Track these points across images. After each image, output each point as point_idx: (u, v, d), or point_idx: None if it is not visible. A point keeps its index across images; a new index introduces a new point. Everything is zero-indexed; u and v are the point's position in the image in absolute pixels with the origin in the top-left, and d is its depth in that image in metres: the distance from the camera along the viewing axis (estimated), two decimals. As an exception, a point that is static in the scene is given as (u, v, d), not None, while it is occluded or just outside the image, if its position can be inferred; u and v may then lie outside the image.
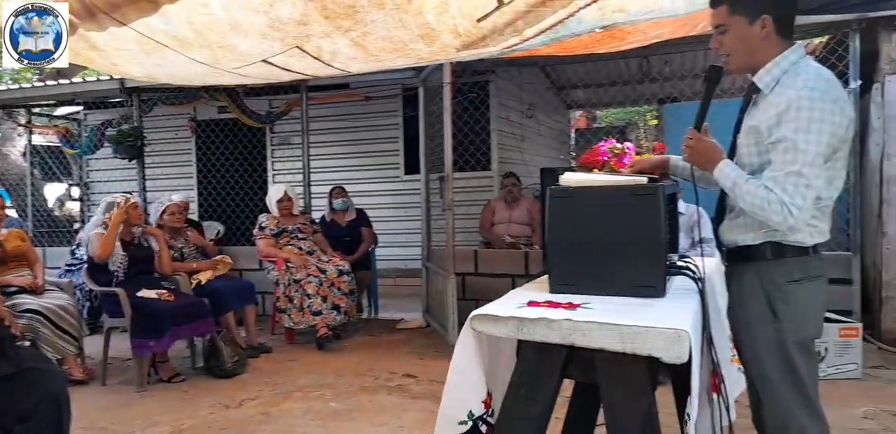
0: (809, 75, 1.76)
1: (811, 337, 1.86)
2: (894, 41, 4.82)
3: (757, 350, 1.88)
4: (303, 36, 3.01)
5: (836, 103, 1.71)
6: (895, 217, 4.68)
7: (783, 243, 1.84)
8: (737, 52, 1.88)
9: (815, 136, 1.69)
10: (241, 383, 4.22)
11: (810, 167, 1.69)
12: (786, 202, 1.70)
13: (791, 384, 1.83)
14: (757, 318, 1.87)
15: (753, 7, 1.81)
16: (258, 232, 5.41)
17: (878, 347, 4.62)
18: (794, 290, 1.83)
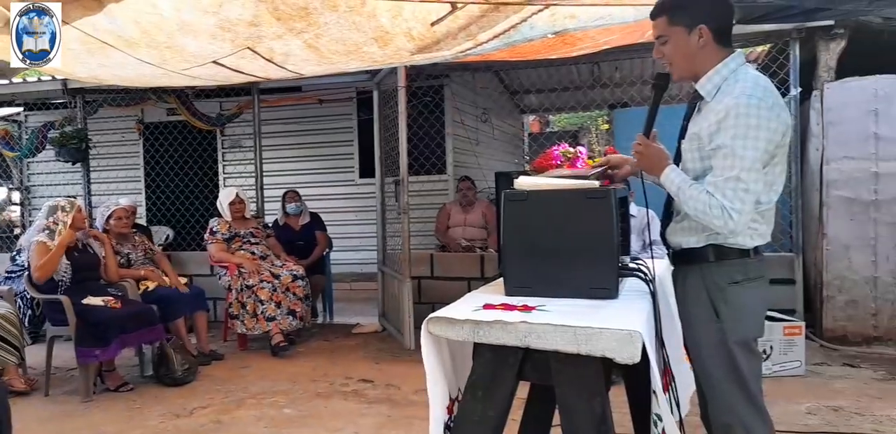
0: (747, 83, 1.81)
1: (752, 336, 1.91)
2: (831, 50, 5.02)
3: (700, 349, 1.93)
4: (254, 37, 2.97)
5: (773, 110, 1.77)
6: (835, 219, 4.87)
7: (724, 246, 1.89)
8: (678, 61, 1.93)
9: (753, 142, 1.74)
10: (192, 391, 4.12)
11: (748, 172, 1.75)
12: (726, 207, 1.75)
13: (734, 382, 1.88)
14: (700, 319, 1.92)
15: (690, 18, 1.86)
16: (209, 236, 5.30)
17: (820, 345, 4.79)
18: (734, 291, 1.88)
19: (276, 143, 7.93)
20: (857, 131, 4.81)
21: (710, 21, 1.86)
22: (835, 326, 4.88)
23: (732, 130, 1.75)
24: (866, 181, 4.80)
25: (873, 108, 4.77)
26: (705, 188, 1.80)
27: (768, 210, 1.90)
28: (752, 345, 1.91)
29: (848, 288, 4.85)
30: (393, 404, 3.75)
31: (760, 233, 1.90)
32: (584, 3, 2.93)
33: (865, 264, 4.81)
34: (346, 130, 8.11)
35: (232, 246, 5.28)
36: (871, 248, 4.79)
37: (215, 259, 5.29)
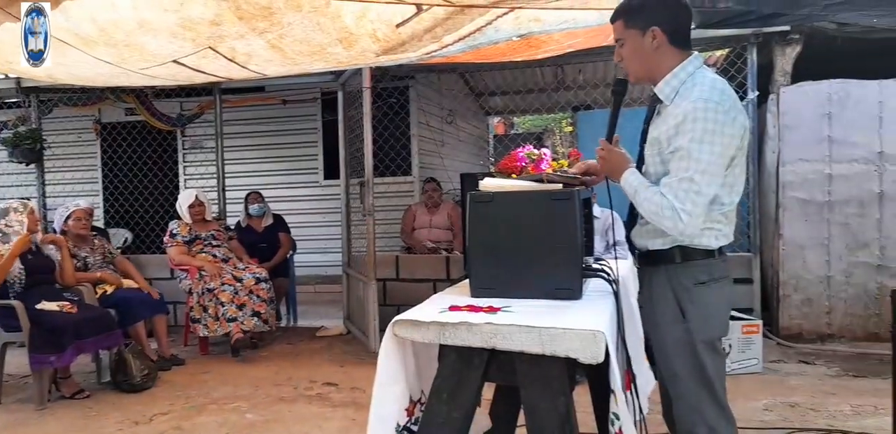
0: (704, 87, 1.83)
1: (718, 336, 1.94)
2: (787, 55, 5.16)
3: (666, 349, 1.95)
4: (216, 36, 2.93)
5: (729, 114, 1.79)
6: (790, 220, 5.00)
7: (690, 247, 1.91)
8: (633, 64, 1.95)
9: (709, 146, 1.76)
10: (152, 398, 4.04)
11: (702, 174, 1.77)
12: (676, 208, 1.77)
13: (699, 382, 1.90)
14: (666, 319, 1.94)
15: (643, 20, 1.89)
16: (169, 239, 5.20)
17: (777, 343, 4.91)
18: (700, 291, 1.91)
19: (238, 144, 7.81)
20: (811, 134, 4.95)
21: (663, 23, 1.88)
22: (790, 324, 5.01)
23: (689, 134, 1.78)
24: (820, 183, 4.94)
25: (827, 112, 4.91)
26: (660, 190, 1.82)
27: (731, 211, 1.93)
28: (717, 344, 1.94)
29: (803, 287, 4.99)
30: (358, 407, 3.73)
31: (724, 233, 1.94)
32: (547, 7, 2.95)
33: (819, 264, 4.95)
34: (310, 131, 8.04)
35: (193, 249, 5.18)
36: (825, 247, 4.94)
37: (175, 262, 5.19)
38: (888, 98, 4.81)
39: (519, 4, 2.84)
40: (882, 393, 3.49)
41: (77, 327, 3.89)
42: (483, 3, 2.76)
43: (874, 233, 4.86)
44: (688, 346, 1.90)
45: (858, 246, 4.88)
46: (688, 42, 1.93)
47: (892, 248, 4.78)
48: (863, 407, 3.51)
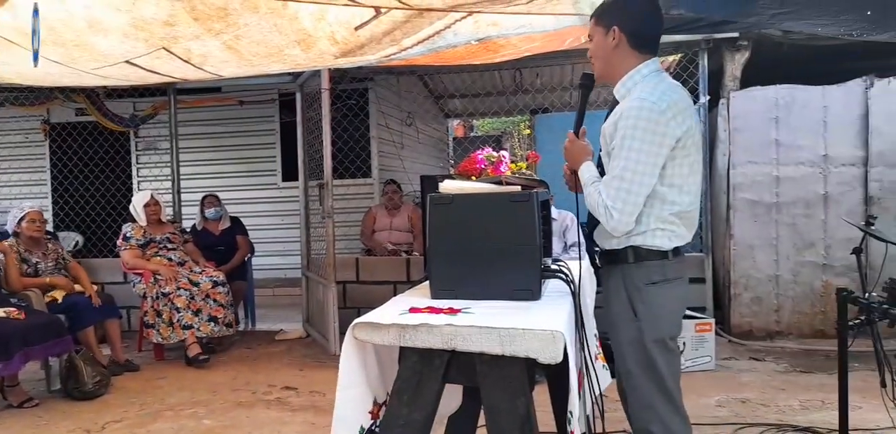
0: (647, 87, 1.89)
1: (669, 335, 1.98)
2: (736, 60, 5.32)
3: (621, 347, 2.01)
4: (170, 37, 2.87)
5: (665, 114, 1.82)
6: (741, 221, 5.15)
7: (643, 247, 1.95)
8: (597, 59, 2.04)
9: (639, 143, 1.82)
10: (104, 405, 3.93)
11: (632, 173, 1.82)
12: (608, 206, 1.84)
13: (651, 380, 1.94)
14: (620, 318, 1.99)
15: (609, 19, 1.98)
16: (122, 242, 5.08)
17: (729, 340, 5.05)
18: (651, 291, 1.95)
19: (194, 146, 7.67)
20: (760, 138, 5.11)
21: (624, 25, 1.94)
22: (741, 322, 5.16)
23: (622, 131, 1.84)
24: (768, 184, 5.10)
25: (774, 116, 5.08)
26: (600, 187, 1.89)
27: (685, 212, 1.95)
28: (669, 343, 1.97)
29: (753, 286, 5.14)
30: (317, 411, 3.70)
31: (678, 234, 1.96)
32: (505, 12, 2.99)
33: (768, 263, 5.11)
34: (267, 133, 7.94)
35: (147, 252, 5.07)
36: (774, 247, 5.10)
37: (129, 266, 5.07)
38: (831, 103, 5.00)
39: (477, 9, 2.87)
40: (828, 388, 3.63)
41: (25, 334, 3.76)
42: (441, 6, 2.77)
43: (819, 233, 5.04)
44: (639, 345, 1.95)
45: (805, 246, 5.06)
46: (649, 47, 1.98)
47: (837, 247, 4.96)
48: (810, 402, 3.64)
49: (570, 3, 2.98)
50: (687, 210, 1.96)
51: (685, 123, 1.87)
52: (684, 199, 1.94)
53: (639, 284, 1.96)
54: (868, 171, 4.98)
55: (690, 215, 1.99)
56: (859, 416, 3.24)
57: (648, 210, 1.91)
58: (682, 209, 1.94)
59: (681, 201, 1.93)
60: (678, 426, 1.94)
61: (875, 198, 4.97)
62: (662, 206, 1.91)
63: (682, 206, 1.94)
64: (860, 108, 4.97)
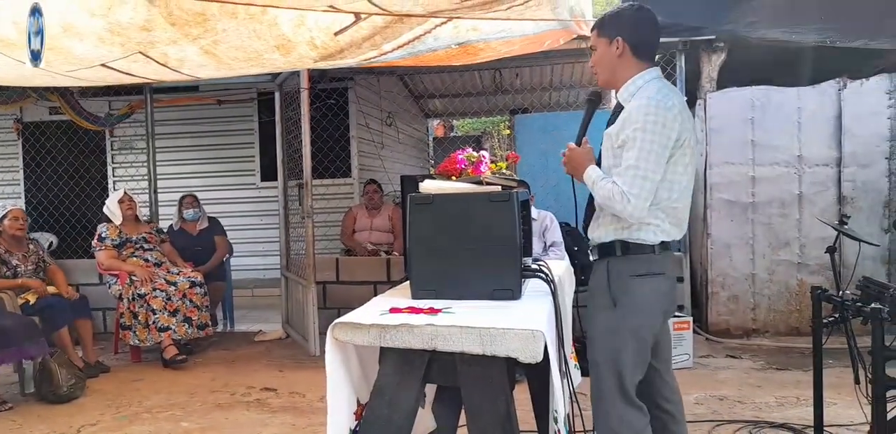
0: (651, 89, 2.03)
1: (646, 325, 2.04)
2: (713, 62, 5.38)
3: (594, 336, 2.08)
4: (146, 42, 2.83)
5: (671, 110, 1.96)
6: (717, 220, 5.21)
7: (629, 241, 2.05)
8: (601, 68, 2.16)
9: (650, 135, 1.94)
10: (80, 408, 3.87)
11: (645, 161, 1.93)
12: (625, 192, 1.93)
13: (611, 370, 2.02)
14: (599, 308, 2.07)
15: (611, 30, 2.10)
16: (97, 243, 5.00)
17: (706, 338, 5.11)
18: (635, 282, 2.03)
19: (171, 145, 7.58)
20: (736, 138, 5.17)
21: (628, 35, 2.07)
22: (718, 320, 5.22)
23: (633, 125, 1.96)
24: (745, 185, 5.17)
25: (750, 117, 5.15)
26: (612, 179, 1.98)
27: (672, 208, 2.05)
28: (642, 335, 2.03)
29: (730, 284, 5.20)
30: (298, 413, 3.68)
31: (664, 229, 2.05)
32: (485, 18, 3.00)
33: (745, 262, 5.18)
34: (246, 132, 7.87)
35: (123, 252, 5.00)
36: (750, 246, 5.17)
37: (104, 267, 5.00)
38: (806, 104, 5.07)
39: (457, 15, 2.87)
40: (804, 385, 3.68)
41: (-3, 337, 3.70)
42: (421, 12, 2.77)
43: (794, 232, 5.11)
44: (611, 332, 2.03)
45: (780, 245, 5.13)
46: (650, 56, 2.13)
47: (811, 246, 5.04)
48: (786, 398, 3.69)
49: (549, 8, 3.00)
50: (674, 205, 2.05)
51: (685, 124, 2.00)
52: (673, 195, 2.04)
53: (623, 276, 2.04)
54: (841, 171, 5.06)
55: (677, 212, 2.07)
56: (834, 412, 3.29)
57: None
58: (669, 204, 2.04)
59: (670, 196, 2.03)
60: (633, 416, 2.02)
61: (848, 197, 5.05)
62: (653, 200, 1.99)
63: (671, 201, 2.04)
64: (833, 109, 5.05)
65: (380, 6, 2.60)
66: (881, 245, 4.89)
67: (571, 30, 3.86)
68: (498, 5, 2.74)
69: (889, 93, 5.00)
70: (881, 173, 5.03)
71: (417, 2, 2.59)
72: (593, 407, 2.06)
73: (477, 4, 2.68)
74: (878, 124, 5.02)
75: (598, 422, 2.06)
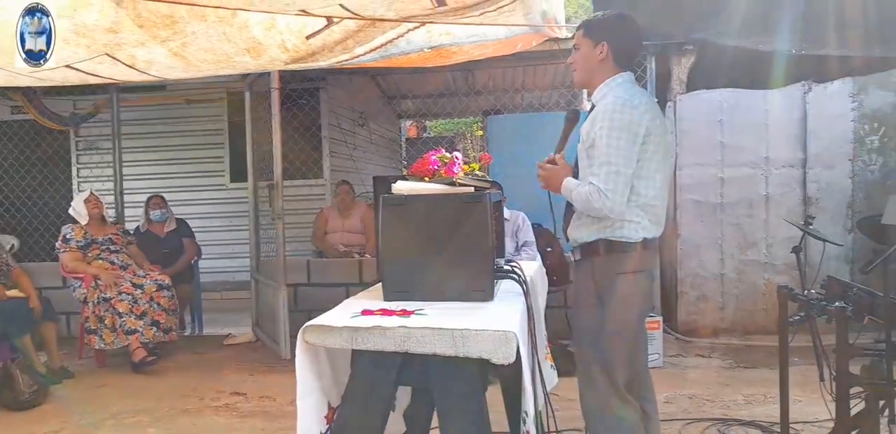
0: (620, 90, 2.10)
1: (632, 323, 2.09)
2: (682, 64, 5.45)
3: (582, 335, 2.12)
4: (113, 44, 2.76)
5: (637, 108, 2.03)
6: (687, 221, 5.28)
7: (612, 240, 2.09)
8: (580, 68, 2.24)
9: (617, 132, 2.00)
10: (43, 415, 3.77)
11: (616, 157, 1.99)
12: (601, 189, 1.98)
13: (603, 369, 2.05)
14: (586, 306, 2.11)
15: (598, 34, 2.18)
16: (61, 244, 4.88)
17: (676, 338, 5.17)
18: (619, 280, 2.07)
19: (138, 145, 7.45)
20: (705, 140, 5.24)
21: (613, 41, 2.15)
22: (688, 320, 5.29)
23: (601, 124, 2.02)
24: (714, 186, 5.24)
25: (719, 119, 5.22)
26: (588, 182, 2.03)
27: (650, 205, 2.10)
28: (630, 332, 2.09)
29: (699, 284, 5.27)
30: (267, 417, 3.63)
31: (643, 226, 2.10)
32: (458, 23, 2.99)
33: (714, 262, 5.25)
34: (215, 132, 7.76)
35: (88, 254, 4.89)
36: (719, 247, 5.24)
37: (69, 269, 4.88)
38: (773, 107, 5.16)
39: (429, 20, 2.87)
40: (770, 383, 3.73)
41: (-45, 342, 3.59)
42: (394, 17, 2.76)
43: (762, 232, 5.20)
44: (601, 333, 2.05)
45: (748, 245, 5.21)
46: (628, 63, 2.23)
47: (778, 246, 5.13)
48: (754, 396, 3.75)
49: (522, 14, 3.01)
50: (651, 203, 2.10)
51: (655, 121, 2.06)
52: (650, 193, 2.09)
53: (609, 274, 2.08)
54: (806, 173, 5.16)
55: (655, 210, 2.13)
56: (799, 409, 3.35)
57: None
58: (646, 202, 2.09)
59: (646, 194, 2.08)
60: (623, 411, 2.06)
61: (813, 198, 5.16)
62: (630, 197, 2.05)
63: (647, 198, 2.09)
64: (799, 111, 5.15)
65: (352, 11, 2.58)
66: (844, 245, 4.99)
67: (544, 33, 3.88)
68: (471, 11, 2.75)
69: (852, 96, 5.12)
70: (845, 174, 5.14)
71: (390, 7, 2.58)
72: (585, 406, 2.09)
73: (450, 10, 2.68)
74: (841, 127, 5.13)
75: (591, 420, 2.08)
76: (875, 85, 5.09)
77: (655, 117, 2.08)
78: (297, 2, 2.41)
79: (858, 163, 5.13)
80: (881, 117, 5.10)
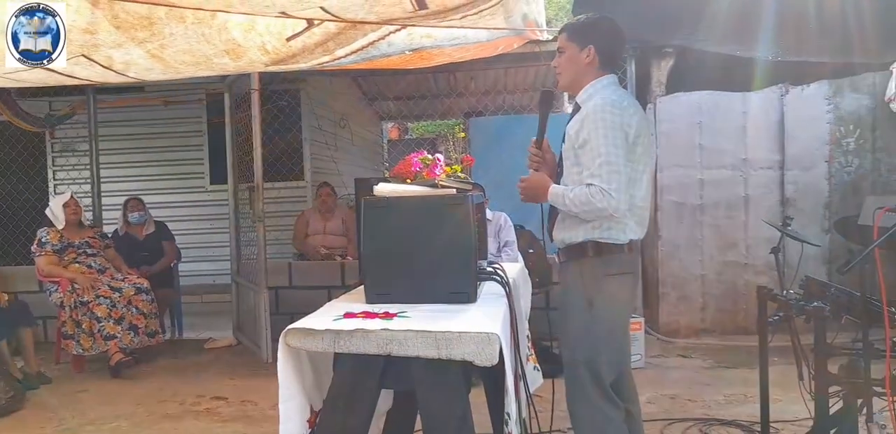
0: (607, 92, 2.12)
1: (618, 326, 2.10)
2: (662, 67, 5.50)
3: (570, 337, 2.11)
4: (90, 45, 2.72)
5: (626, 110, 2.05)
6: (668, 222, 5.32)
7: (601, 241, 2.09)
8: (566, 72, 2.23)
9: (611, 131, 2.00)
10: (20, 421, 3.71)
11: (615, 156, 1.99)
12: (604, 188, 1.97)
13: (588, 369, 2.04)
14: (574, 309, 2.10)
15: (584, 37, 2.18)
16: (37, 248, 4.80)
17: (658, 338, 5.20)
18: (609, 282, 2.08)
19: (115, 147, 7.35)
20: (685, 142, 5.29)
21: (600, 45, 2.15)
22: (669, 320, 5.33)
23: (592, 124, 2.02)
24: (693, 187, 5.29)
25: (698, 121, 5.28)
26: (584, 183, 2.01)
27: (637, 207, 2.11)
28: (617, 333, 2.10)
29: (680, 285, 5.31)
30: (249, 421, 3.60)
31: (630, 228, 2.11)
32: (439, 26, 2.99)
33: (694, 263, 5.30)
34: (194, 134, 7.68)
35: (65, 258, 4.82)
36: (699, 248, 5.29)
37: (44, 273, 4.80)
38: (751, 109, 5.23)
39: (410, 23, 2.87)
40: (750, 382, 3.77)
41: (-73, 348, 3.51)
42: (374, 19, 2.75)
43: (741, 233, 5.25)
44: (588, 333, 2.06)
45: (727, 246, 5.27)
46: (613, 66, 2.25)
47: (757, 247, 5.19)
48: (734, 396, 3.78)
49: (503, 18, 3.02)
50: (639, 204, 2.11)
51: (641, 123, 2.08)
52: (638, 194, 2.10)
53: (598, 276, 2.08)
54: (784, 174, 5.23)
55: (642, 212, 2.14)
56: (779, 408, 3.38)
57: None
58: (634, 203, 2.09)
59: (636, 195, 2.09)
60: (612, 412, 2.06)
61: (791, 199, 5.22)
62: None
63: (636, 199, 2.10)
64: (776, 113, 5.22)
65: (333, 13, 2.57)
66: (822, 245, 5.06)
67: (525, 36, 3.89)
68: (452, 14, 2.75)
69: (828, 98, 5.19)
70: (821, 176, 5.21)
71: (371, 10, 2.57)
72: (572, 408, 2.08)
73: (431, 14, 2.68)
74: (818, 128, 5.20)
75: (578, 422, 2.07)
76: (850, 88, 5.18)
77: (642, 119, 2.11)
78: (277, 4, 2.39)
79: (835, 164, 5.21)
80: (856, 120, 5.18)
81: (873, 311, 2.19)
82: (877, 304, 2.20)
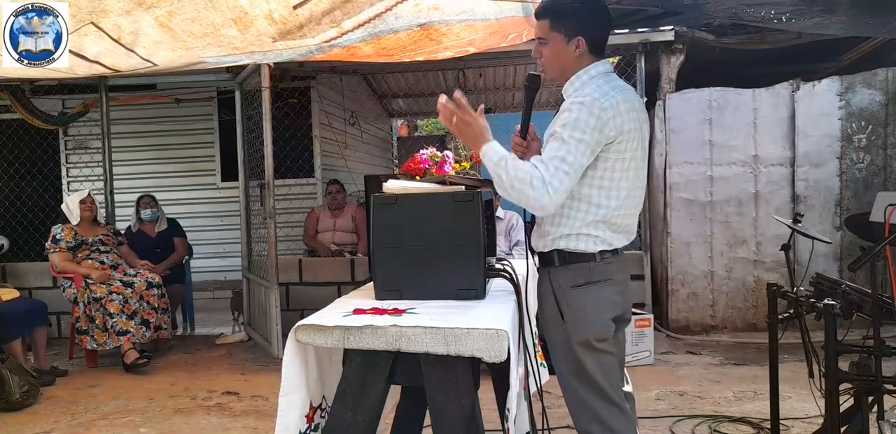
0: (593, 86, 1.91)
1: (594, 337, 1.93)
2: (672, 63, 5.47)
3: (553, 349, 2.00)
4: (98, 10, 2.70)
5: (606, 111, 1.83)
6: (677, 219, 5.30)
7: (567, 251, 1.94)
8: (552, 65, 2.01)
9: (580, 133, 1.80)
10: (34, 415, 3.76)
11: (574, 157, 1.80)
12: (546, 180, 1.77)
13: (582, 381, 1.93)
14: (551, 320, 1.99)
15: (571, 28, 1.94)
16: (51, 245, 4.86)
17: (667, 335, 5.20)
18: (575, 294, 1.94)
19: (128, 145, 7.41)
20: (694, 138, 5.27)
21: (588, 33, 1.94)
22: (679, 317, 5.32)
23: (562, 120, 1.84)
24: (703, 184, 5.27)
25: (708, 118, 5.25)
26: (531, 162, 1.82)
27: (612, 217, 1.93)
28: (596, 345, 1.93)
29: (689, 282, 5.30)
30: (260, 416, 3.63)
31: (603, 239, 1.94)
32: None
33: (703, 260, 5.28)
34: (206, 131, 7.73)
35: (78, 255, 4.87)
36: (708, 244, 5.27)
37: (58, 270, 4.85)
38: (761, 105, 5.20)
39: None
40: (760, 379, 3.77)
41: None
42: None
43: (751, 230, 5.23)
44: (567, 347, 1.94)
45: (737, 242, 5.25)
46: (602, 50, 2.01)
47: (767, 244, 5.16)
48: (744, 393, 3.78)
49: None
50: (613, 215, 1.92)
51: (624, 126, 1.87)
52: (611, 204, 1.91)
53: (564, 287, 1.94)
54: (795, 171, 5.20)
55: (618, 221, 1.95)
56: (789, 405, 3.38)
57: (575, 213, 1.91)
58: (607, 214, 1.91)
59: (607, 205, 1.91)
60: (618, 423, 1.93)
61: (801, 196, 5.19)
62: (588, 208, 1.90)
63: (609, 210, 1.91)
64: (787, 110, 5.18)
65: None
66: (833, 242, 5.04)
67: (532, 19, 3.87)
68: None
69: (840, 94, 5.15)
70: (832, 173, 5.18)
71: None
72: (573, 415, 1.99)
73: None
74: (829, 125, 5.17)
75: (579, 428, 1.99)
76: (862, 84, 5.14)
77: (626, 123, 1.87)
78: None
79: (846, 161, 5.18)
80: (868, 116, 5.14)
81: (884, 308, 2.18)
82: (888, 301, 2.18)
